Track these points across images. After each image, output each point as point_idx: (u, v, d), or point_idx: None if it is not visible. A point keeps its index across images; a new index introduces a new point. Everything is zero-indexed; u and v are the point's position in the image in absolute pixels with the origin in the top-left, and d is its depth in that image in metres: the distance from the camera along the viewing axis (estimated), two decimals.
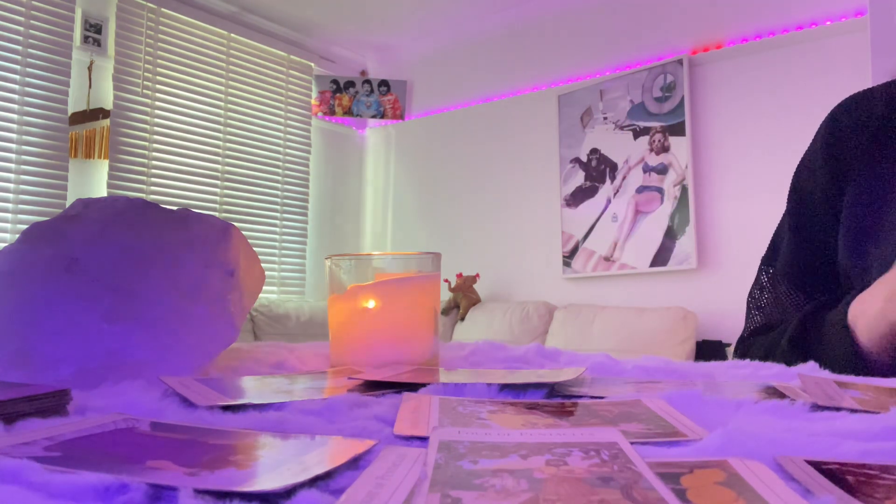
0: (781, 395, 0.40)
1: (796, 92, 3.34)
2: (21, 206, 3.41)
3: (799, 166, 0.85)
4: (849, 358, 0.63)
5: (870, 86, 0.82)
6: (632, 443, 0.26)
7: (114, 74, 3.73)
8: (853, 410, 0.36)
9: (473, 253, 4.41)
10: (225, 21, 4.24)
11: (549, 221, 4.13)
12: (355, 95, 4.89)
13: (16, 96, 3.39)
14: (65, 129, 3.56)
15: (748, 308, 0.85)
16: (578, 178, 4.05)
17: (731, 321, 3.32)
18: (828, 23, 3.30)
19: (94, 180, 3.72)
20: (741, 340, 0.84)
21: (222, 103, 4.24)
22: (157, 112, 3.93)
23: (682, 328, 3.31)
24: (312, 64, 4.77)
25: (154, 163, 3.91)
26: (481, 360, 0.58)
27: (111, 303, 0.45)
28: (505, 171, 4.40)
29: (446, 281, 4.19)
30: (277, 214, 4.54)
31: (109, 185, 3.71)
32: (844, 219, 0.76)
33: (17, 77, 3.39)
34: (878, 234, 0.71)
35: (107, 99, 3.73)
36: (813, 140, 0.84)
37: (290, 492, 0.21)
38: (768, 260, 0.85)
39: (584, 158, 4.04)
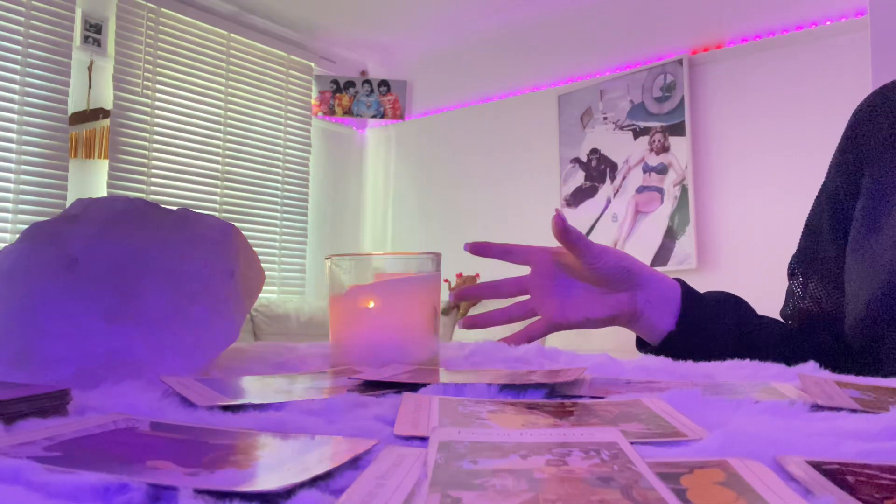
0: (781, 395, 0.40)
1: (796, 92, 3.34)
2: (21, 206, 3.41)
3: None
4: None
5: (870, 85, 0.81)
6: (632, 443, 0.26)
7: (114, 74, 3.73)
8: (853, 410, 0.36)
9: None
10: (225, 21, 4.24)
11: (550, 221, 4.12)
12: (355, 95, 4.89)
13: (16, 96, 3.39)
14: (65, 129, 3.56)
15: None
16: (578, 178, 4.05)
17: None
18: (828, 23, 3.30)
19: (94, 180, 3.72)
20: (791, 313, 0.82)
21: (222, 103, 4.24)
22: (157, 112, 3.93)
23: None
24: (312, 64, 4.76)
25: (154, 163, 3.91)
26: (481, 360, 0.58)
27: (111, 303, 0.45)
28: (505, 171, 4.39)
29: (446, 281, 4.19)
30: (277, 214, 4.54)
31: (109, 185, 3.71)
32: (859, 208, 0.74)
33: (17, 77, 3.39)
34: (890, 220, 0.69)
35: (107, 99, 3.73)
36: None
37: (290, 492, 0.21)
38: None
39: (584, 158, 4.04)
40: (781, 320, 0.81)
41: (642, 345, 0.77)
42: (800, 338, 0.77)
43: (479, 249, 0.77)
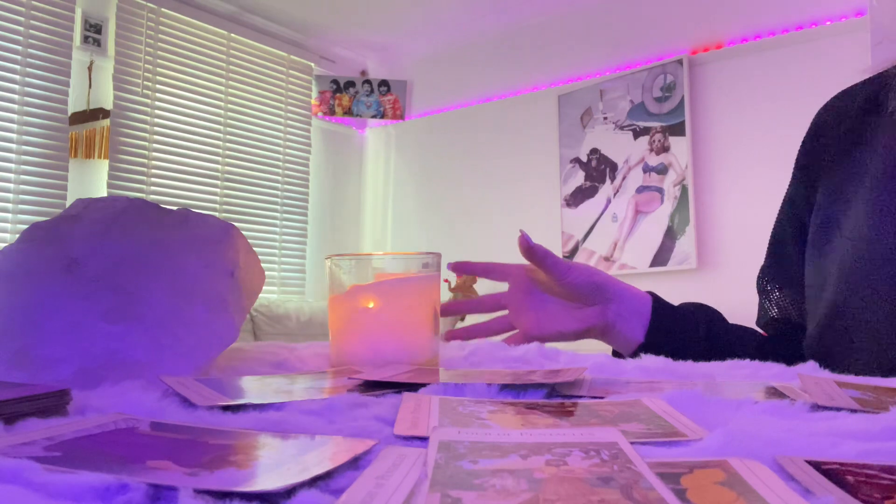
0: (781, 395, 0.40)
1: (796, 92, 3.34)
2: (21, 206, 3.41)
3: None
4: None
5: None
6: (632, 443, 0.26)
7: (114, 74, 3.73)
8: (853, 410, 0.36)
9: (473, 253, 4.41)
10: (225, 21, 4.24)
11: (550, 221, 4.13)
12: (355, 95, 4.89)
13: (16, 96, 3.39)
14: (65, 129, 3.56)
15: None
16: (578, 178, 4.05)
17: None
18: (828, 23, 3.30)
19: (94, 180, 3.71)
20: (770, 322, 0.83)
21: (222, 103, 4.24)
22: (157, 112, 3.92)
23: None
24: (312, 64, 4.76)
25: (154, 163, 3.91)
26: (481, 360, 0.58)
27: (111, 303, 0.45)
28: (505, 171, 4.39)
29: (446, 281, 4.18)
30: (277, 214, 4.54)
31: (109, 185, 3.71)
32: (815, 217, 0.75)
33: (17, 77, 3.39)
34: (844, 223, 0.70)
35: (107, 99, 3.73)
36: None
37: (290, 492, 0.21)
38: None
39: (584, 158, 4.04)
40: (754, 328, 0.82)
41: (618, 357, 0.79)
42: (772, 347, 0.78)
43: (461, 268, 0.81)
